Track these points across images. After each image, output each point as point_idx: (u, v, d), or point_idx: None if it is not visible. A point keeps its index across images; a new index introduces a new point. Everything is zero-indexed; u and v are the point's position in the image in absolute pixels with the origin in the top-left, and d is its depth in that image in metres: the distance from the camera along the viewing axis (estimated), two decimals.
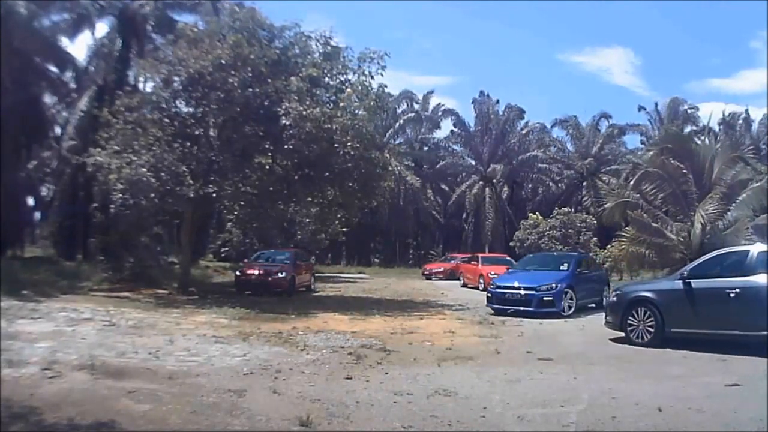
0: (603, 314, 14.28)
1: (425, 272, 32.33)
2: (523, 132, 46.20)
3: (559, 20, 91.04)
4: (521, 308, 14.25)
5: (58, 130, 27.69)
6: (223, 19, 18.33)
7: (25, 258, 26.10)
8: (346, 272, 35.41)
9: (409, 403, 6.24)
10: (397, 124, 42.47)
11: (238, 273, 19.90)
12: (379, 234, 44.70)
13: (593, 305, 15.43)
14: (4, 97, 18.95)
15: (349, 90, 16.75)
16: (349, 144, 15.92)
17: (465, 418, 5.78)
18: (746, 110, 44.85)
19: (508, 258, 27.11)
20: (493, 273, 22.72)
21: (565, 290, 14.56)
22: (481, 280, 22.92)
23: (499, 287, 15.26)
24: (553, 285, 14.47)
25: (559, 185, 45.32)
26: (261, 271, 19.18)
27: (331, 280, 27.96)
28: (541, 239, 32.53)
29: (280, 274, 18.98)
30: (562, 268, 15.89)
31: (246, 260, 23.64)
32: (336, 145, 15.88)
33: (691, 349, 9.45)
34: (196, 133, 16.80)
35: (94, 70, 26.10)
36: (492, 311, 14.75)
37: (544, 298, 14.23)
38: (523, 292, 14.57)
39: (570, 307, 14.46)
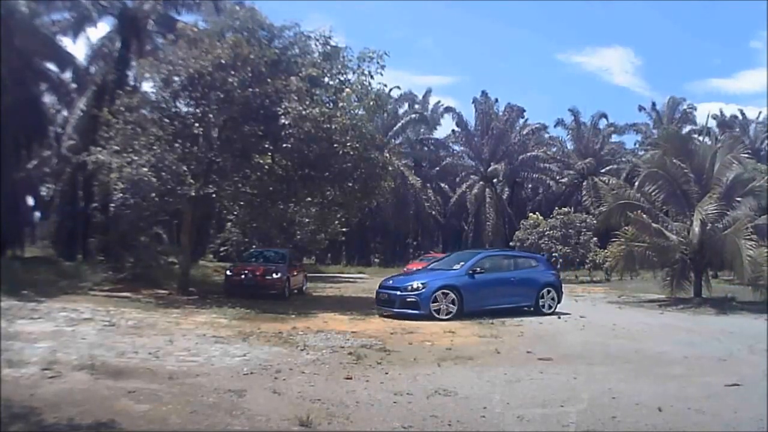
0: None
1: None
2: (524, 132, 46.27)
3: (560, 20, 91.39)
4: (388, 308, 13.66)
5: (58, 129, 27.68)
6: (223, 18, 18.31)
7: (25, 258, 26.10)
8: (346, 272, 35.40)
9: (409, 403, 6.24)
10: (399, 124, 42.47)
11: (228, 273, 18.47)
12: (379, 234, 44.76)
13: (530, 308, 14.64)
14: (4, 97, 18.94)
15: (348, 90, 16.74)
16: (348, 144, 15.91)
17: (465, 418, 5.79)
18: (741, 111, 45.26)
19: None
20: None
21: (441, 291, 13.35)
22: None
23: (381, 287, 14.64)
24: (420, 285, 13.53)
25: (560, 185, 45.36)
26: (254, 272, 17.89)
27: (331, 280, 27.96)
28: (541, 239, 32.54)
29: (275, 275, 17.72)
30: (455, 267, 14.68)
31: (237, 260, 23.33)
32: (336, 145, 15.87)
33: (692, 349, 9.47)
34: (196, 133, 16.79)
35: (94, 70, 26.08)
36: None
37: (408, 299, 13.38)
38: (390, 292, 13.97)
39: (449, 311, 13.22)
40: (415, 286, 13.63)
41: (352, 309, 14.73)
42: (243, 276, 17.86)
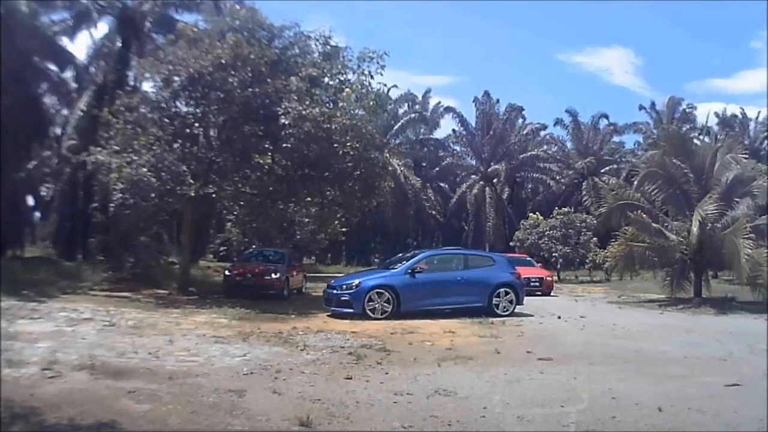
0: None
1: None
2: (524, 132, 46.26)
3: (560, 20, 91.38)
4: (328, 307, 13.93)
5: (58, 130, 27.67)
6: (223, 18, 18.32)
7: (25, 258, 26.09)
8: (346, 272, 35.34)
9: (409, 403, 6.24)
10: (399, 124, 42.45)
11: (227, 273, 18.31)
12: (379, 234, 44.72)
13: (479, 305, 14.07)
14: (4, 97, 18.93)
15: (348, 90, 16.74)
16: (348, 144, 15.92)
17: (465, 418, 5.79)
18: (742, 109, 45.24)
19: (528, 258, 26.36)
20: None
21: (375, 291, 13.40)
22: None
23: (327, 286, 14.93)
24: (354, 285, 13.67)
25: (560, 185, 45.35)
26: (253, 272, 17.81)
27: (331, 280, 27.90)
28: (541, 239, 32.53)
29: (273, 275, 17.66)
30: (398, 266, 14.63)
31: (235, 259, 23.19)
32: (336, 145, 15.89)
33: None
34: (196, 133, 16.79)
35: (94, 70, 26.07)
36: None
37: (342, 298, 13.58)
38: (330, 290, 14.24)
39: (384, 311, 13.25)
40: (349, 285, 13.84)
41: None
42: (242, 276, 17.80)
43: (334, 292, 13.96)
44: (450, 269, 14.79)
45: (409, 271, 14.01)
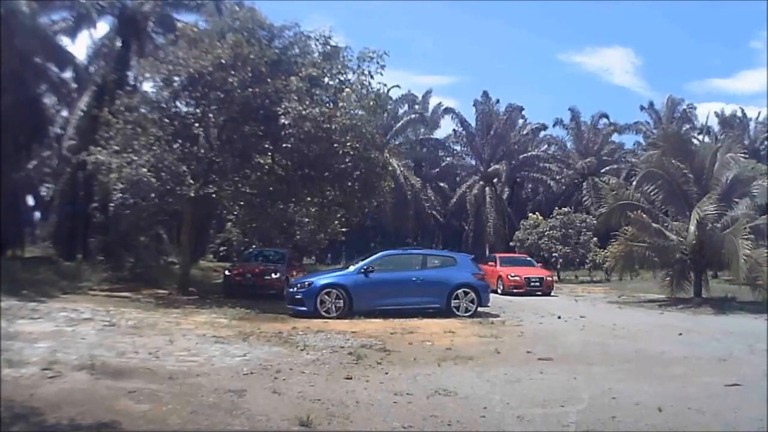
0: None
1: None
2: (524, 132, 46.25)
3: (560, 20, 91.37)
4: (288, 305, 14.12)
5: (58, 129, 27.64)
6: (223, 18, 18.32)
7: (25, 258, 26.06)
8: None
9: (409, 403, 6.25)
10: (399, 124, 42.42)
11: (227, 273, 18.55)
12: (379, 234, 44.69)
13: (437, 306, 14.01)
14: (4, 97, 18.92)
15: (348, 90, 16.74)
16: (348, 144, 15.92)
17: (465, 418, 5.79)
18: (742, 110, 45.17)
19: (529, 258, 26.66)
20: (513, 275, 22.30)
21: (328, 290, 13.54)
22: (500, 283, 21.94)
23: (288, 285, 15.33)
24: (307, 284, 13.90)
25: (560, 185, 45.32)
26: (253, 272, 18.02)
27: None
28: (541, 239, 32.49)
29: (273, 275, 17.91)
30: (354, 266, 14.83)
31: (235, 259, 23.21)
32: (336, 144, 15.88)
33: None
34: (196, 133, 16.79)
35: (94, 70, 26.04)
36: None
37: (296, 296, 13.77)
38: (289, 288, 14.62)
39: (336, 309, 13.32)
40: (302, 284, 14.08)
41: None
42: (242, 276, 17.94)
43: (291, 290, 14.28)
44: (407, 269, 14.68)
45: (362, 270, 14.06)
